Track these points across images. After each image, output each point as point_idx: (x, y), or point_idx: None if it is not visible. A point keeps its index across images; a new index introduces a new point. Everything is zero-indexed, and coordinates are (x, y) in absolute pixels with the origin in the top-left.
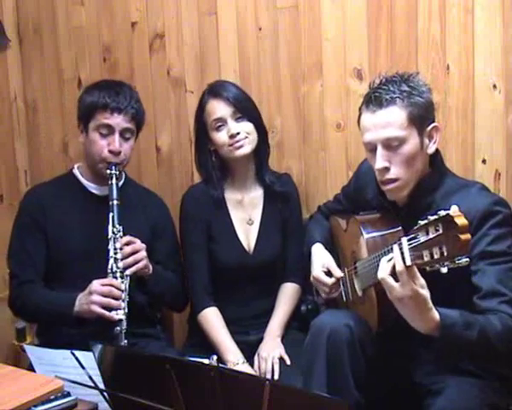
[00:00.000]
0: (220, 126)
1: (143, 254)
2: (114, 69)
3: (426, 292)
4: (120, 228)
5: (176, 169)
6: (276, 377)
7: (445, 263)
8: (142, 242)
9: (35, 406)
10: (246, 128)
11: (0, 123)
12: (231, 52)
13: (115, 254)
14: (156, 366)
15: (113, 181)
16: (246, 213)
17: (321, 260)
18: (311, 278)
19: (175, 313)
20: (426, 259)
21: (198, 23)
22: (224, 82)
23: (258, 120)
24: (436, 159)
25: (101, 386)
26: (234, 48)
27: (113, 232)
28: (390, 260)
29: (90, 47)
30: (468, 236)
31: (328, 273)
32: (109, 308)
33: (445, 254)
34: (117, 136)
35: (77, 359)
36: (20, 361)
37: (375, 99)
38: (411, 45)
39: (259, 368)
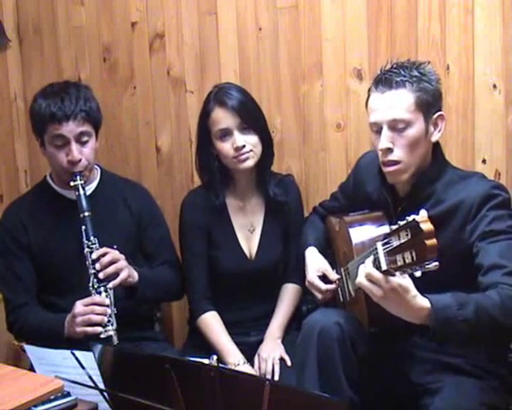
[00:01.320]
0: (225, 136)
1: (124, 263)
2: (114, 69)
3: (405, 281)
4: (95, 240)
5: (176, 169)
6: (276, 377)
7: (417, 268)
8: (130, 235)
9: (35, 406)
10: (251, 141)
11: (0, 123)
12: (231, 52)
13: (94, 268)
14: (156, 366)
15: (80, 192)
16: (247, 219)
17: (315, 264)
18: (306, 283)
19: (174, 308)
20: (399, 263)
21: (198, 23)
22: (231, 87)
23: (264, 130)
24: (437, 150)
25: (101, 386)
26: (234, 48)
27: (88, 246)
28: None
29: (90, 47)
30: (433, 241)
31: (323, 277)
32: (94, 324)
33: (415, 259)
34: (73, 144)
35: (77, 359)
36: (20, 361)
37: (385, 80)
38: (411, 45)
39: (260, 369)
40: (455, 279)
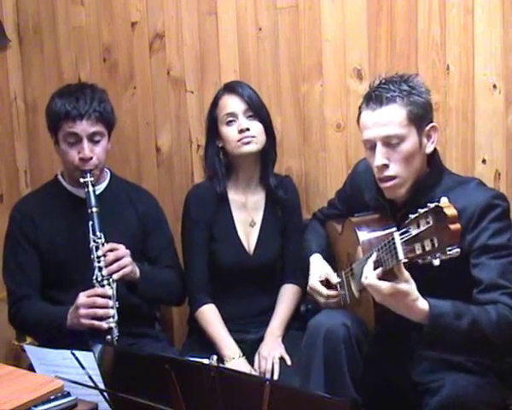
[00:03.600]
0: (231, 121)
1: (128, 259)
2: (114, 69)
3: (407, 286)
4: (101, 235)
5: (176, 169)
6: (275, 376)
7: (437, 255)
8: (135, 238)
9: (35, 406)
10: (255, 127)
11: (0, 123)
12: (231, 52)
13: (99, 262)
14: (156, 366)
15: (89, 189)
16: (248, 214)
17: (317, 270)
18: (308, 288)
19: (174, 308)
20: (418, 252)
21: (198, 23)
22: (241, 82)
23: (269, 125)
24: (434, 158)
25: (101, 386)
26: (234, 48)
27: (95, 241)
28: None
29: (90, 47)
30: (457, 226)
31: (326, 282)
32: (99, 318)
33: (436, 245)
34: (85, 142)
35: (77, 359)
36: (20, 361)
37: (375, 97)
38: (411, 46)
39: (259, 367)
40: (450, 286)
